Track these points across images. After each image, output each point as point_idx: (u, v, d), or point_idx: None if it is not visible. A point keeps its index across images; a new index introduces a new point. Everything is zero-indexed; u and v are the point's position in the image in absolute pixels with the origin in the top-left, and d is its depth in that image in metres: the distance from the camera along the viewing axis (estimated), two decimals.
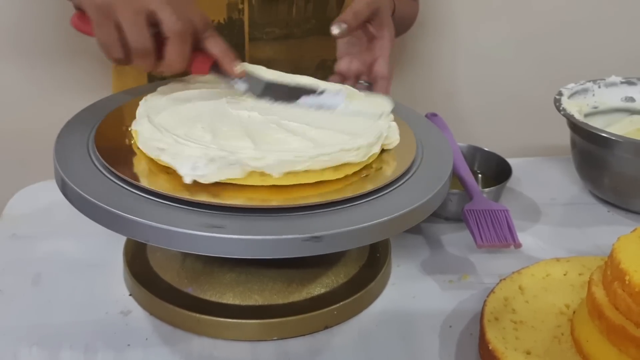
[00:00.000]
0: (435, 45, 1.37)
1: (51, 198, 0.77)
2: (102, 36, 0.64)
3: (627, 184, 0.86)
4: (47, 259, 0.76)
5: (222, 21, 0.97)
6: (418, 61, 1.38)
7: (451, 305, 0.70)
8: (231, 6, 0.96)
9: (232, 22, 0.98)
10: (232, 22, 0.98)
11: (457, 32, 1.36)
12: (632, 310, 0.54)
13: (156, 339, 0.65)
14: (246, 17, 0.97)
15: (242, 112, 0.68)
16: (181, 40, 0.65)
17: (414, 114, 0.79)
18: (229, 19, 0.97)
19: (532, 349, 0.60)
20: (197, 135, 0.62)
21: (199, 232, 0.55)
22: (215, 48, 0.68)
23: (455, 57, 1.38)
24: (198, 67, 0.68)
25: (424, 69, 1.38)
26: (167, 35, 0.64)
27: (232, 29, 0.98)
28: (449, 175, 0.66)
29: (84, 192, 0.59)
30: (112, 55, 0.65)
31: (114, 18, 0.63)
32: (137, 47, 0.64)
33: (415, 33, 1.34)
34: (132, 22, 0.63)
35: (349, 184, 0.63)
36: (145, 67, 0.67)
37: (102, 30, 0.64)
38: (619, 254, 0.57)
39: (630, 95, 0.98)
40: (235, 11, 0.96)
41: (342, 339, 0.66)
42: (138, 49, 0.64)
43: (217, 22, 0.97)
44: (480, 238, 0.74)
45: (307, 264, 0.70)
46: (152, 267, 0.72)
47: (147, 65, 0.66)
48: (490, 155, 0.92)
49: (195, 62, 0.68)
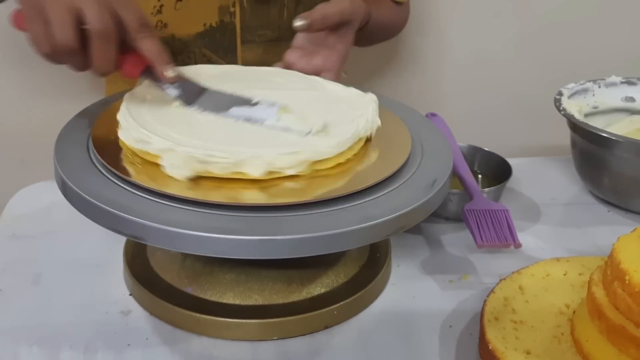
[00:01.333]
0: (435, 45, 1.37)
1: (51, 198, 0.77)
2: (31, 31, 0.64)
3: (627, 184, 0.86)
4: (47, 259, 0.76)
5: (214, 24, 0.97)
6: (418, 61, 1.38)
7: (451, 305, 0.70)
8: (223, 9, 0.96)
9: (224, 25, 0.98)
10: (224, 25, 0.97)
11: (457, 32, 1.36)
12: (632, 310, 0.54)
13: (156, 339, 0.65)
14: (238, 20, 0.97)
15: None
16: (104, 40, 0.63)
17: (414, 114, 0.79)
18: (221, 22, 0.97)
19: (532, 348, 0.60)
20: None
21: (199, 233, 0.55)
22: (148, 50, 0.66)
23: (456, 57, 1.38)
24: (129, 70, 0.67)
25: (424, 69, 1.38)
26: (90, 34, 0.63)
27: (224, 31, 0.98)
28: (449, 175, 0.66)
29: (84, 192, 0.59)
30: (40, 51, 0.65)
31: (43, 14, 0.63)
32: (62, 45, 0.63)
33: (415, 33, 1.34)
34: (60, 19, 0.62)
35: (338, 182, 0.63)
36: (74, 67, 0.66)
37: (32, 26, 0.64)
38: (619, 254, 0.57)
39: (630, 95, 0.98)
40: (227, 14, 0.96)
41: (342, 339, 0.66)
42: (63, 47, 0.63)
43: (209, 25, 0.97)
44: (480, 238, 0.74)
45: (307, 264, 0.70)
46: (152, 267, 0.72)
47: (75, 65, 0.66)
48: (490, 155, 0.92)
49: (126, 64, 0.66)
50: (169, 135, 0.62)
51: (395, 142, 0.70)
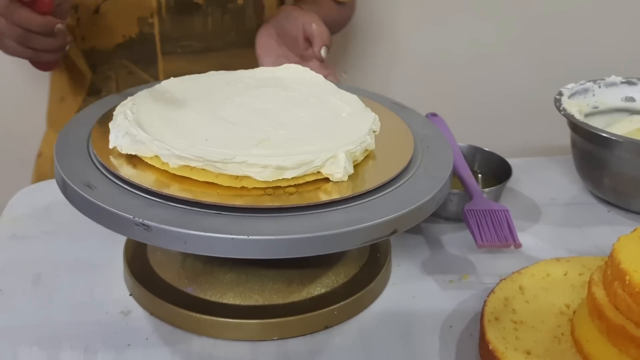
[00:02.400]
0: (435, 44, 1.37)
1: (51, 198, 0.77)
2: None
3: (627, 184, 0.86)
4: (47, 259, 0.76)
5: (133, 36, 0.96)
6: (418, 61, 1.38)
7: (451, 305, 0.70)
8: (142, 20, 0.94)
9: (143, 36, 0.96)
10: (143, 36, 0.96)
11: (457, 31, 1.36)
12: (632, 310, 0.54)
13: (156, 339, 0.65)
14: (157, 31, 0.96)
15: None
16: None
17: (414, 114, 0.79)
18: (140, 33, 0.96)
19: (532, 349, 0.60)
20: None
21: (199, 233, 0.55)
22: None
23: (456, 57, 1.38)
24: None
25: (424, 68, 1.39)
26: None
27: (143, 43, 0.97)
28: (449, 175, 0.67)
29: (84, 192, 0.59)
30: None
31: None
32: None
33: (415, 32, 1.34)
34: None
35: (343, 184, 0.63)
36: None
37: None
38: (619, 254, 0.57)
39: (631, 95, 0.98)
40: (146, 25, 0.95)
41: (342, 339, 0.66)
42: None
43: (129, 36, 0.96)
44: (481, 238, 0.74)
45: (307, 264, 0.70)
46: (152, 267, 0.72)
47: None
48: (490, 155, 0.92)
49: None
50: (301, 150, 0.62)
51: (398, 143, 0.70)
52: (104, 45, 0.97)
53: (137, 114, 0.66)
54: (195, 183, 0.61)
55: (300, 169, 0.60)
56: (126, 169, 0.62)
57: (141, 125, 0.64)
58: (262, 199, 0.59)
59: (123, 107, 0.68)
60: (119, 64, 0.98)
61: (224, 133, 0.65)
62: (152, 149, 0.62)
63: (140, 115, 0.66)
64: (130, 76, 0.98)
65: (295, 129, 0.66)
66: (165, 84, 0.75)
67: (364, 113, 0.71)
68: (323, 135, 0.65)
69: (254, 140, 0.63)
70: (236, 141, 0.63)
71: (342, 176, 0.61)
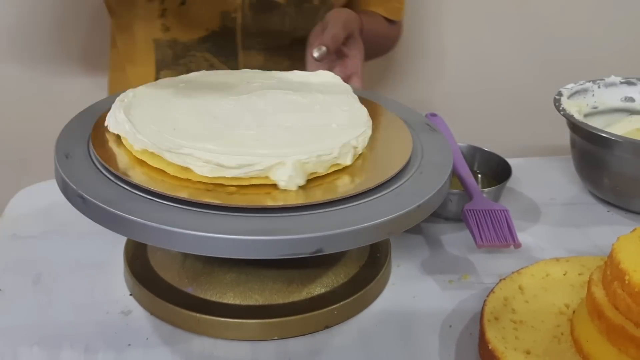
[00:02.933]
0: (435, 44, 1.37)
1: (51, 198, 0.77)
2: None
3: (627, 184, 0.87)
4: (47, 259, 0.76)
5: (216, 29, 0.97)
6: (418, 61, 1.38)
7: (451, 305, 0.70)
8: (225, 15, 0.96)
9: (226, 30, 0.98)
10: (226, 30, 0.98)
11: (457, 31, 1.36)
12: (632, 310, 0.54)
13: (156, 339, 0.65)
14: (239, 26, 0.97)
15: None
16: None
17: (414, 114, 0.79)
18: (222, 27, 0.98)
19: (531, 348, 0.60)
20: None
21: (199, 233, 0.55)
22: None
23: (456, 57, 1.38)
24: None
25: (424, 69, 1.39)
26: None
27: (225, 37, 0.98)
28: (449, 175, 0.67)
29: (84, 192, 0.59)
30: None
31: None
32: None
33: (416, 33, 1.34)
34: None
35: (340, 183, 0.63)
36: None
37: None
38: (618, 254, 0.57)
39: (630, 95, 0.98)
40: (228, 19, 0.97)
41: (342, 339, 0.66)
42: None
43: (211, 30, 0.98)
44: (480, 238, 0.74)
45: (307, 264, 0.71)
46: (152, 267, 0.72)
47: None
48: (490, 155, 0.92)
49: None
50: (255, 152, 0.61)
51: (396, 143, 0.70)
52: (187, 37, 0.99)
53: (134, 99, 0.69)
54: (151, 169, 0.62)
55: (241, 170, 0.60)
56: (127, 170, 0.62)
57: (128, 109, 0.67)
58: (200, 193, 0.59)
59: (128, 92, 0.71)
60: (200, 56, 1.00)
61: (197, 126, 0.65)
62: (125, 129, 0.64)
63: (135, 100, 0.69)
64: (211, 69, 0.99)
65: (269, 132, 0.66)
66: (191, 75, 0.77)
67: (355, 127, 0.68)
68: (291, 142, 0.64)
69: (218, 136, 0.63)
70: (201, 134, 0.64)
71: (286, 184, 0.60)
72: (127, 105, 0.68)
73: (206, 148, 0.61)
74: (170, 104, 0.70)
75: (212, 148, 0.61)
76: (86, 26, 1.29)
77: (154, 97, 0.71)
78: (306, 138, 0.65)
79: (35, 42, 1.29)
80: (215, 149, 0.61)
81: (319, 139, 0.65)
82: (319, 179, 0.63)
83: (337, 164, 0.64)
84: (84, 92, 1.19)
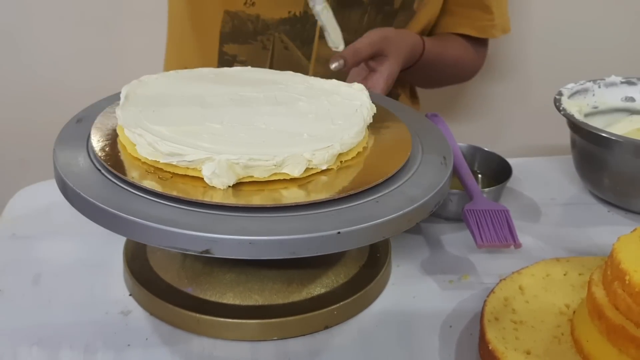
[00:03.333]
0: None
1: (51, 198, 0.77)
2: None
3: (627, 184, 0.86)
4: (47, 259, 0.76)
5: (298, 14, 0.98)
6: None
7: (451, 305, 0.70)
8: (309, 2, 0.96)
9: (307, 17, 0.98)
10: (307, 16, 0.98)
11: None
12: (632, 310, 0.54)
13: (156, 339, 0.65)
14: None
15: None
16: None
17: (414, 114, 0.79)
18: (304, 13, 0.98)
19: (532, 349, 0.60)
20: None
21: (199, 233, 0.55)
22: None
23: None
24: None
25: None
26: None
27: (305, 23, 0.99)
28: (449, 175, 0.66)
29: (83, 192, 0.59)
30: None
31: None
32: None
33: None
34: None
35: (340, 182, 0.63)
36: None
37: None
38: (619, 254, 0.57)
39: (630, 95, 0.98)
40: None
41: (342, 339, 0.66)
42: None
43: (293, 13, 0.98)
44: (480, 238, 0.74)
45: (307, 264, 0.71)
46: (152, 267, 0.72)
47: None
48: (490, 155, 0.92)
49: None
50: (198, 145, 0.62)
51: (395, 142, 0.70)
52: (269, 15, 0.99)
53: (141, 88, 0.72)
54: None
55: (173, 158, 0.61)
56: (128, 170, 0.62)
57: (129, 95, 0.70)
58: (144, 175, 0.62)
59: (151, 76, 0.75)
60: (277, 37, 0.99)
61: (178, 112, 0.68)
62: (118, 114, 0.67)
63: (141, 89, 0.72)
64: (286, 52, 1.00)
65: (233, 129, 0.66)
66: (230, 69, 0.80)
67: (323, 141, 0.64)
68: (242, 142, 0.64)
69: (184, 124, 0.65)
70: (171, 120, 0.66)
71: (209, 180, 0.60)
72: (131, 93, 0.71)
73: (160, 132, 0.63)
74: (167, 95, 0.71)
75: (164, 134, 0.63)
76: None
77: (152, 90, 0.73)
78: (262, 141, 0.64)
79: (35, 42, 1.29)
80: (166, 135, 0.63)
81: (273, 145, 0.63)
82: (259, 184, 0.62)
83: (282, 173, 0.62)
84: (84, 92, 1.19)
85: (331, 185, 0.62)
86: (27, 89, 1.30)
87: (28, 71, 1.30)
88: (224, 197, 0.59)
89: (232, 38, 1.02)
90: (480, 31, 1.10)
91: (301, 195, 0.61)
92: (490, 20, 1.09)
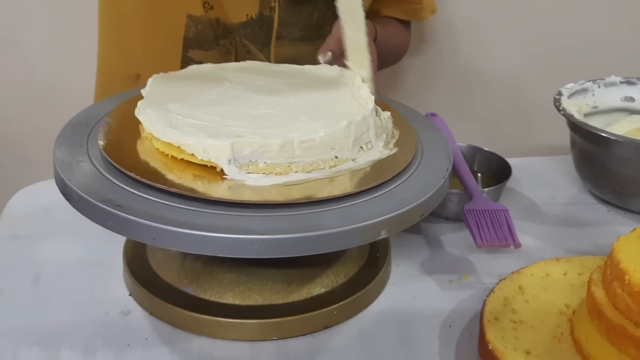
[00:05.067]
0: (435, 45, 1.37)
1: (51, 198, 0.77)
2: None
3: (626, 184, 0.86)
4: (47, 259, 0.76)
5: (254, 16, 0.98)
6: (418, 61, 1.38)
7: (451, 305, 0.70)
8: (264, 3, 0.97)
9: (262, 19, 0.99)
10: (262, 18, 0.99)
11: (457, 32, 1.36)
12: (632, 310, 0.54)
13: (156, 339, 0.65)
14: (276, 15, 0.98)
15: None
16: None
17: (414, 114, 0.79)
18: (260, 15, 0.98)
19: (531, 348, 0.60)
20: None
21: (199, 232, 0.55)
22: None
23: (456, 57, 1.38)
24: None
25: (424, 69, 1.39)
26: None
27: (262, 25, 0.99)
28: (448, 175, 0.67)
29: (83, 192, 0.59)
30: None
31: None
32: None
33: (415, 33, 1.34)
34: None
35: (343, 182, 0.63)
36: None
37: None
38: (618, 254, 0.57)
39: (630, 95, 0.98)
40: (267, 8, 0.98)
41: (342, 339, 0.66)
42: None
43: (250, 16, 0.98)
44: (480, 238, 0.74)
45: (306, 263, 0.70)
46: (151, 267, 0.72)
47: None
48: (490, 155, 0.92)
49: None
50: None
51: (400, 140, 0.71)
52: (228, 19, 0.99)
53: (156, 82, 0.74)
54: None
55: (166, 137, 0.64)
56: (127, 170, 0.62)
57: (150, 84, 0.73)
58: (154, 155, 0.65)
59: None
60: (239, 41, 1.00)
61: (196, 99, 0.70)
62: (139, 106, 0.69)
63: (160, 82, 0.74)
64: (249, 56, 1.01)
65: (232, 114, 0.68)
66: (240, 64, 0.82)
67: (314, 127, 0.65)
68: (229, 131, 0.64)
69: (195, 105, 0.68)
70: (188, 101, 0.69)
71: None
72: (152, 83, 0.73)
73: (174, 110, 0.66)
74: (188, 85, 0.74)
75: (175, 112, 0.66)
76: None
77: (171, 83, 0.74)
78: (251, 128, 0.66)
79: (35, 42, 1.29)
80: (178, 118, 0.65)
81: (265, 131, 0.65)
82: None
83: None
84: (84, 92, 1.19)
85: (331, 184, 0.62)
86: (27, 89, 1.30)
87: (28, 71, 1.30)
88: (221, 192, 0.60)
89: (197, 43, 1.02)
90: (409, 14, 1.12)
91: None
92: (419, 2, 1.12)
